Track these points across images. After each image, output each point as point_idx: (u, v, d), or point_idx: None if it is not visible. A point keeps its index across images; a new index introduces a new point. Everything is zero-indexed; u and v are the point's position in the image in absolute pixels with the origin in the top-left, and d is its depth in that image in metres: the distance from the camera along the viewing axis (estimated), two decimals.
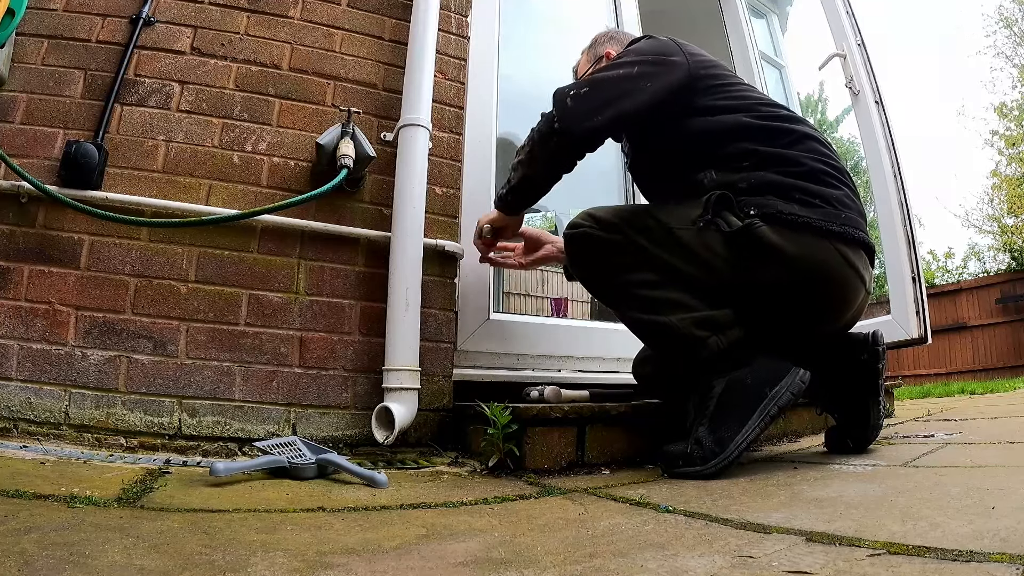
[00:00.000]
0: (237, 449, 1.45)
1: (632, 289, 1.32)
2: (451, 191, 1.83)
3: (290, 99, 1.71)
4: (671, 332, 1.27)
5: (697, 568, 0.62)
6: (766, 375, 1.22)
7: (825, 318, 1.36)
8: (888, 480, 1.06)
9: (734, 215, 1.27)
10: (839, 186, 1.32)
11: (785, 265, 1.25)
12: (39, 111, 1.51)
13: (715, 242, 1.28)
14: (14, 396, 1.35)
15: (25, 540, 0.67)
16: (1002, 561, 0.56)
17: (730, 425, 1.20)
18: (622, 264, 1.33)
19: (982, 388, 5.14)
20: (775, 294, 1.29)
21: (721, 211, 1.28)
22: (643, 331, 1.38)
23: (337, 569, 0.64)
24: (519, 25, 2.54)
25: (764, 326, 1.32)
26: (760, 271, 1.27)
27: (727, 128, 1.36)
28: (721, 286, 1.30)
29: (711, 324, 1.26)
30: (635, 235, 1.32)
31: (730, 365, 1.25)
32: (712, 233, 1.28)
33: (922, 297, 2.29)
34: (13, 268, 1.42)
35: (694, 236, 1.30)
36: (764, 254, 1.25)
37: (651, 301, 1.30)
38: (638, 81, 1.37)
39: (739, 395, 1.22)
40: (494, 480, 1.25)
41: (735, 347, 1.25)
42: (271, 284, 1.58)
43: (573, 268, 1.46)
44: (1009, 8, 11.77)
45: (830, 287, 1.30)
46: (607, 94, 1.37)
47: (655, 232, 1.32)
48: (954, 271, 12.80)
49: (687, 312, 1.27)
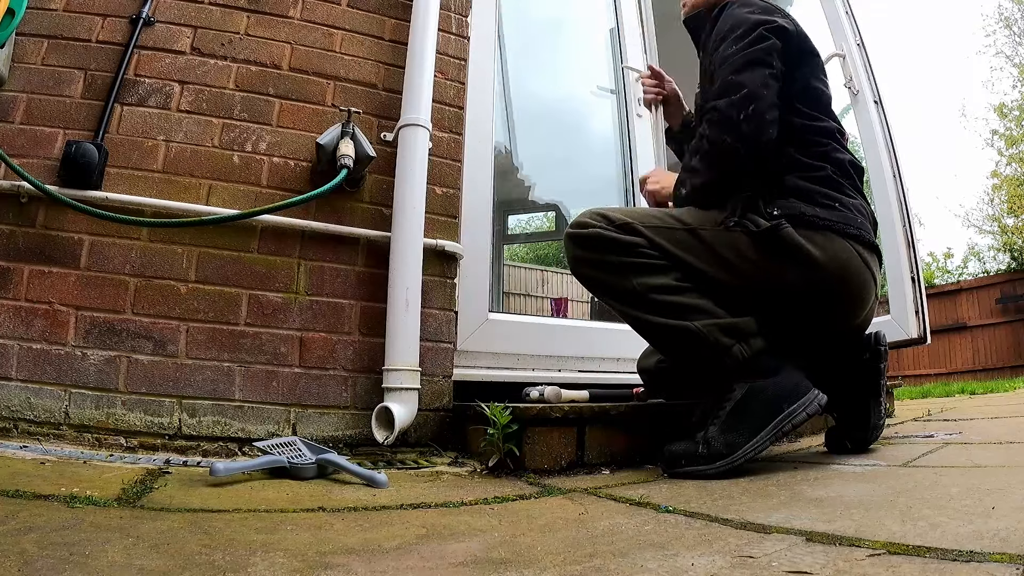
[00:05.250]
0: (237, 449, 1.45)
1: (649, 293, 1.29)
2: (451, 191, 1.83)
3: (290, 99, 1.71)
4: (695, 337, 1.25)
5: (697, 568, 0.62)
6: (786, 391, 1.22)
7: (841, 318, 1.38)
8: (888, 480, 1.06)
9: (760, 216, 1.29)
10: (855, 195, 1.36)
11: (809, 265, 1.27)
12: (39, 111, 1.51)
13: (741, 243, 1.29)
14: (14, 396, 1.35)
15: (25, 540, 0.67)
16: (1002, 561, 0.56)
17: (742, 431, 1.20)
18: (637, 267, 1.30)
19: (982, 388, 5.14)
20: (797, 294, 1.30)
21: (747, 213, 1.30)
22: (660, 336, 1.34)
23: (337, 569, 0.64)
24: (519, 26, 2.54)
25: (778, 328, 1.31)
26: (785, 271, 1.28)
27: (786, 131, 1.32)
28: (742, 288, 1.30)
29: (736, 332, 1.25)
30: (654, 236, 1.31)
31: (751, 374, 1.24)
32: (738, 234, 1.29)
33: (921, 297, 2.29)
34: (13, 268, 1.42)
35: (719, 237, 1.30)
36: (790, 254, 1.27)
37: (672, 306, 1.27)
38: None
39: (757, 405, 1.21)
40: (494, 480, 1.25)
41: (758, 356, 1.24)
42: (271, 284, 1.58)
43: (578, 268, 1.42)
44: (1009, 8, 11.78)
45: (849, 287, 1.32)
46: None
47: (677, 233, 1.32)
48: (954, 271, 12.80)
49: (711, 318, 1.25)
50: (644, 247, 1.30)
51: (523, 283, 6.27)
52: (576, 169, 3.10)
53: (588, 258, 1.36)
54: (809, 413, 1.21)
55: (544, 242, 9.36)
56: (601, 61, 2.60)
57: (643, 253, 1.30)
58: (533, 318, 2.17)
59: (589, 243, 1.34)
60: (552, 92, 2.88)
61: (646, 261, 1.30)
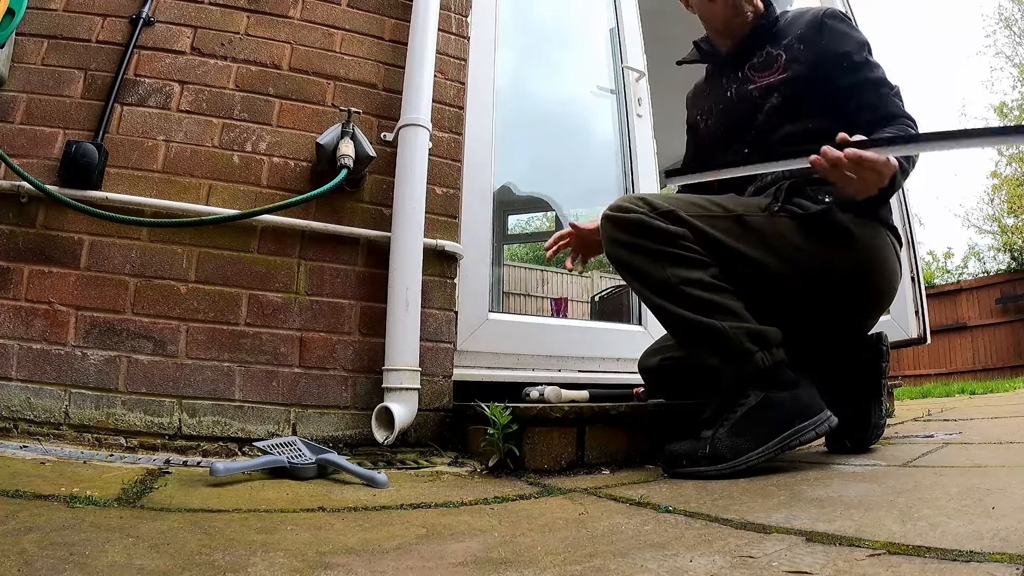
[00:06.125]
0: (237, 449, 1.45)
1: (681, 285, 1.27)
2: (451, 191, 1.83)
3: (290, 99, 1.71)
4: (720, 337, 1.24)
5: (697, 568, 0.62)
6: (799, 407, 1.22)
7: (867, 309, 1.43)
8: (888, 480, 1.06)
9: (809, 201, 1.31)
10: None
11: (855, 247, 1.31)
12: (39, 111, 1.51)
13: (787, 228, 1.31)
14: (14, 396, 1.35)
15: (25, 540, 0.67)
16: (1002, 561, 0.56)
17: (750, 438, 1.20)
18: (674, 257, 1.28)
19: (982, 388, 5.15)
20: (836, 280, 1.33)
21: (792, 198, 1.33)
22: (684, 329, 1.31)
23: (337, 569, 0.64)
24: (518, 26, 2.53)
25: (796, 332, 1.31)
26: (832, 253, 1.31)
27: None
28: (785, 276, 1.31)
29: (762, 339, 1.24)
30: (699, 224, 1.30)
31: (767, 383, 1.23)
32: (784, 220, 1.32)
33: (921, 297, 2.29)
34: (13, 268, 1.42)
35: (765, 222, 1.32)
36: (837, 237, 1.30)
37: (702, 302, 1.26)
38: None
39: (770, 415, 1.21)
40: (494, 480, 1.25)
41: (777, 366, 1.23)
42: (271, 284, 1.58)
43: (613, 250, 1.37)
44: (1009, 8, 11.79)
45: (884, 274, 1.37)
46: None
47: (722, 221, 1.32)
48: (954, 271, 12.82)
49: (739, 321, 1.25)
50: (686, 239, 1.29)
51: (523, 283, 6.27)
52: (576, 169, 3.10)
53: (626, 242, 1.33)
54: (818, 433, 1.22)
55: (544, 242, 9.36)
56: (601, 61, 2.60)
57: (683, 245, 1.29)
58: (533, 318, 2.17)
59: (630, 228, 1.32)
60: (551, 92, 2.88)
61: (685, 254, 1.28)
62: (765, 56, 1.49)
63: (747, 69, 1.52)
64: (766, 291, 1.31)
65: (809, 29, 1.43)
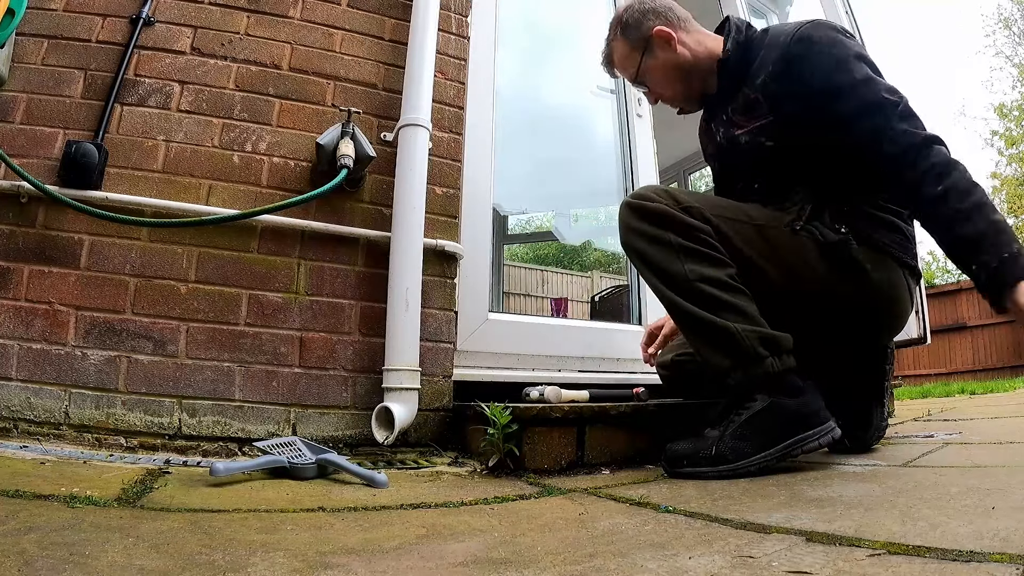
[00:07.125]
0: (237, 449, 1.45)
1: (697, 282, 1.25)
2: (451, 191, 1.83)
3: (290, 99, 1.71)
4: (731, 339, 1.22)
5: (697, 568, 0.62)
6: (805, 416, 1.22)
7: (874, 335, 1.44)
8: (888, 480, 1.06)
9: (828, 229, 1.31)
10: (911, 223, 1.39)
11: (864, 285, 1.31)
12: (39, 111, 1.51)
13: (806, 249, 1.31)
14: (14, 396, 1.35)
15: (25, 540, 0.67)
16: (1002, 561, 0.56)
17: (752, 442, 1.20)
18: (693, 252, 1.26)
19: (982, 388, 5.15)
20: (842, 308, 1.34)
21: (812, 221, 1.32)
22: (695, 327, 1.28)
23: (337, 569, 0.64)
24: (519, 26, 2.53)
25: (805, 340, 1.30)
26: (840, 284, 1.31)
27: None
28: (792, 293, 1.31)
29: (773, 345, 1.23)
30: (721, 225, 1.30)
31: (774, 389, 1.22)
32: (804, 239, 1.31)
33: (922, 297, 2.29)
34: (13, 268, 1.42)
35: (786, 237, 1.32)
36: (850, 270, 1.30)
37: (716, 301, 1.24)
38: None
39: (774, 421, 1.21)
40: (494, 480, 1.25)
41: (786, 373, 1.23)
42: (271, 284, 1.58)
43: (630, 239, 1.34)
44: (1008, 8, 11.79)
45: (892, 312, 1.39)
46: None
47: (744, 227, 1.32)
48: (954, 271, 12.80)
49: (752, 325, 1.23)
50: (708, 235, 1.28)
51: (523, 283, 6.27)
52: (576, 169, 3.10)
53: (646, 231, 1.30)
54: (821, 444, 1.22)
55: (544, 242, 9.37)
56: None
57: (704, 241, 1.27)
58: (533, 318, 2.17)
59: (651, 217, 1.30)
60: (551, 92, 2.88)
61: (706, 251, 1.27)
62: (742, 100, 1.40)
63: (730, 113, 1.44)
64: (776, 302, 1.31)
65: (780, 64, 1.32)
